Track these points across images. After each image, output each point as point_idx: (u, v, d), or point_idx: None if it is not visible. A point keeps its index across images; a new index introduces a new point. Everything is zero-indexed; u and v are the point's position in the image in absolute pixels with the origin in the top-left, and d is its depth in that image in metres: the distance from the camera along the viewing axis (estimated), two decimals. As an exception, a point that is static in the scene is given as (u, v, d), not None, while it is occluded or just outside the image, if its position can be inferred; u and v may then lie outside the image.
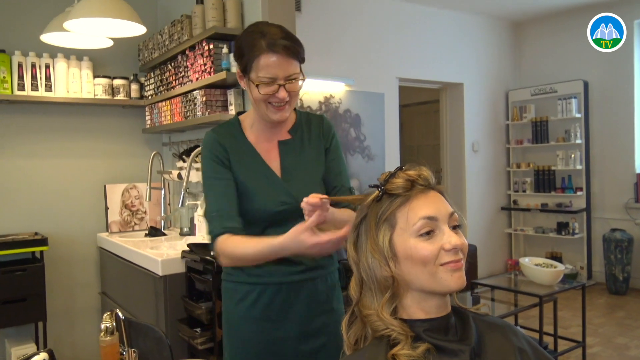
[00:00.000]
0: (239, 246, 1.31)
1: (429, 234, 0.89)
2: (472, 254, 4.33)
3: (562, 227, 5.50)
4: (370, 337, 0.92)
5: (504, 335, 0.96)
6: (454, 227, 0.92)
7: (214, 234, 1.34)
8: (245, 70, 1.35)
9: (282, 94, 1.32)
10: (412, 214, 0.90)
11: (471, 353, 0.89)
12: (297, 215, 1.32)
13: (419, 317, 0.91)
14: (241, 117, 1.48)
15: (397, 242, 0.90)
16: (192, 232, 3.06)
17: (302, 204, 1.16)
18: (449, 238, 0.89)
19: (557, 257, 5.44)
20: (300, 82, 1.35)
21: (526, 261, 3.39)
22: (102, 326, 0.95)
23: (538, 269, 3.27)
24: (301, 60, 1.36)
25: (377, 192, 0.95)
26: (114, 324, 0.97)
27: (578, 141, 5.38)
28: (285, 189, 1.40)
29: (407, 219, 0.90)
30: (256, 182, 1.39)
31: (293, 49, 1.32)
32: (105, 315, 0.96)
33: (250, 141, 1.43)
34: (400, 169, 0.96)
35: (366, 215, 0.95)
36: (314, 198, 1.15)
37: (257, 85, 1.32)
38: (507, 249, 6.03)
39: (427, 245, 0.88)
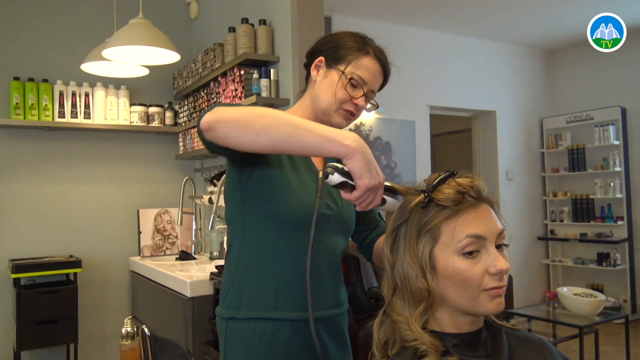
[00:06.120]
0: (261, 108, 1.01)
1: (473, 252, 0.83)
2: (508, 284, 4.20)
3: (602, 258, 5.28)
4: (399, 341, 0.88)
5: (538, 351, 0.91)
6: (500, 246, 0.86)
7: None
8: (337, 59, 1.24)
9: (362, 102, 1.24)
10: (459, 229, 0.83)
11: None
12: (337, 225, 1.24)
13: (450, 331, 0.87)
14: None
15: (438, 257, 0.84)
16: (221, 255, 3.07)
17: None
18: (494, 261, 0.83)
19: (598, 289, 5.20)
20: (369, 105, 1.28)
21: (565, 291, 3.26)
22: (123, 330, 0.95)
23: (577, 298, 3.14)
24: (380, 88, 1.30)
25: (422, 196, 0.87)
26: (135, 328, 0.96)
27: (617, 169, 5.22)
28: (331, 193, 1.24)
29: (452, 234, 0.84)
30: (301, 175, 1.22)
31: (388, 71, 1.28)
32: (126, 319, 0.96)
33: None
34: (452, 174, 0.88)
35: (407, 219, 0.88)
36: None
37: (349, 79, 1.21)
38: (545, 281, 5.82)
39: (471, 267, 0.83)
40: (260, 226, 1.19)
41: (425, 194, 0.87)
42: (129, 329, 0.92)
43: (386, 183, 0.99)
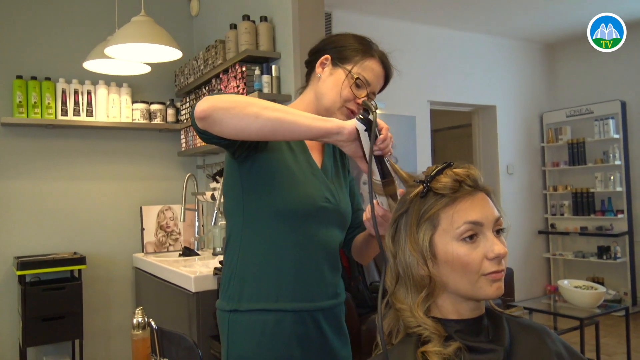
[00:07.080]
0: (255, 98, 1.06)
1: (471, 238, 0.86)
2: (509, 278, 4.22)
3: (603, 251, 5.31)
4: (403, 331, 0.91)
5: (539, 338, 0.93)
6: (498, 232, 0.89)
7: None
8: (343, 59, 1.26)
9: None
10: (457, 216, 0.87)
11: (504, 354, 0.88)
12: (334, 218, 1.27)
13: (452, 318, 0.90)
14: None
15: (438, 244, 0.87)
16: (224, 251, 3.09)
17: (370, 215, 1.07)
18: (492, 246, 0.86)
19: (599, 283, 5.21)
20: None
21: (565, 283, 3.28)
22: (134, 321, 0.97)
23: (578, 290, 3.16)
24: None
25: (420, 187, 0.91)
26: (146, 319, 0.99)
27: (617, 162, 5.24)
28: (329, 187, 1.28)
29: (451, 221, 0.87)
30: (301, 169, 1.25)
31: (390, 75, 1.31)
32: (137, 310, 0.98)
33: None
34: (449, 165, 0.92)
35: (407, 210, 0.92)
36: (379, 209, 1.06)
37: (355, 79, 1.23)
38: (546, 274, 5.85)
39: (470, 252, 0.86)
40: (261, 218, 1.21)
41: (424, 184, 0.90)
42: (140, 319, 0.95)
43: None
